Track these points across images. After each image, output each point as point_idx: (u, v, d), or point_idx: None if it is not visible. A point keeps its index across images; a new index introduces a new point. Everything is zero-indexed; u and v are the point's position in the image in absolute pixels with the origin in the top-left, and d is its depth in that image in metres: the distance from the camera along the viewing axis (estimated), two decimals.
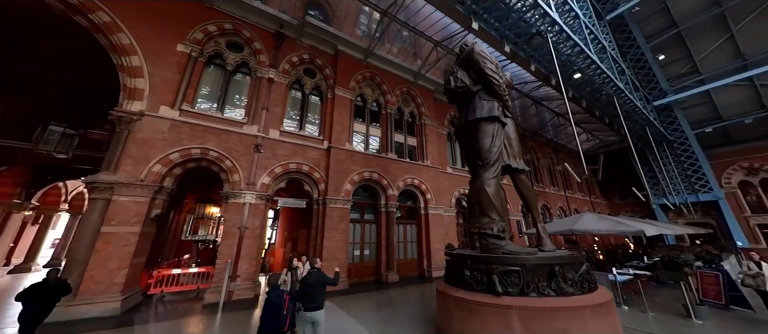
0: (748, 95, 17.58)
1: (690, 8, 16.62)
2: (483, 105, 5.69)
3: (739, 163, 19.81)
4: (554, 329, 3.61)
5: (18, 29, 8.15)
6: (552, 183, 20.78)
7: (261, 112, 8.95)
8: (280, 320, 3.36)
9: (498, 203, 5.06)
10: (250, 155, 8.42)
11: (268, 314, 3.34)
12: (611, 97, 14.36)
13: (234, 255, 7.45)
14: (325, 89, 10.90)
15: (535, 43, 10.75)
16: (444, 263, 11.14)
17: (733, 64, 17.10)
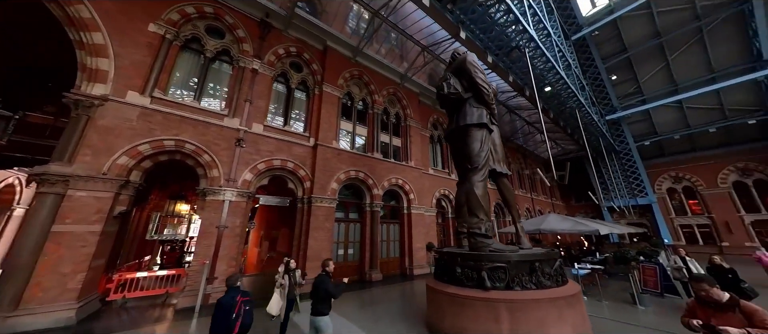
0: (677, 115, 20.76)
1: (638, 37, 19.14)
2: (473, 112, 6.05)
3: (668, 173, 23.30)
4: (535, 319, 4.01)
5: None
6: (520, 186, 22.50)
7: (244, 104, 8.47)
8: (229, 323, 2.99)
9: (485, 205, 5.44)
10: (231, 150, 7.93)
11: (218, 317, 3.02)
12: (574, 110, 16.00)
13: (211, 256, 6.97)
14: (311, 85, 10.62)
15: (513, 56, 11.60)
16: (425, 261, 11.65)
17: (667, 88, 20.07)
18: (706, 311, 2.61)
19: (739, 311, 2.46)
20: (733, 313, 2.48)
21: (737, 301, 2.54)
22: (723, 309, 2.55)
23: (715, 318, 2.50)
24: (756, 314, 2.36)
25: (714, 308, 2.58)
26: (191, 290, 6.50)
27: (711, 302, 2.61)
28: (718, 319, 2.48)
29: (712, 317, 2.54)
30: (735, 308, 2.49)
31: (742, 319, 2.41)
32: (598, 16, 18.76)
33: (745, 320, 2.38)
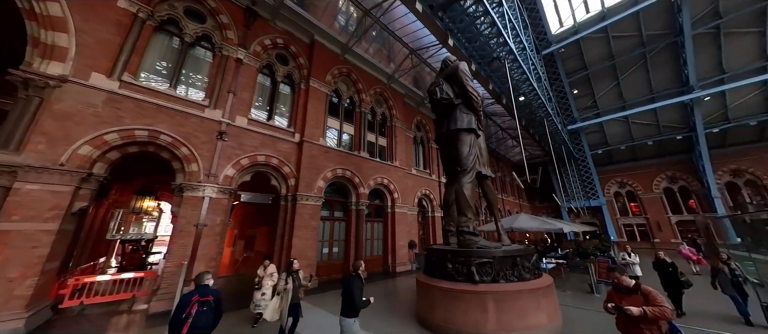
0: (624, 129, 23.74)
1: (596, 57, 21.50)
2: (463, 117, 6.44)
3: (615, 179, 26.56)
4: (518, 308, 4.46)
5: None
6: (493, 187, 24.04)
7: (226, 95, 7.99)
8: (178, 322, 2.91)
9: (473, 204, 5.84)
10: (212, 143, 7.45)
11: (175, 314, 3.00)
12: (542, 119, 17.54)
13: (189, 256, 6.52)
14: (298, 79, 10.32)
15: (494, 66, 12.40)
16: (407, 259, 12.00)
17: (617, 104, 22.85)
18: (619, 296, 3.13)
19: (641, 293, 3.00)
20: (637, 295, 3.01)
21: (639, 286, 3.08)
22: (630, 293, 3.08)
23: (624, 301, 3.02)
24: (650, 295, 2.91)
25: (624, 293, 3.11)
26: (165, 293, 6.03)
27: (622, 288, 3.13)
28: (626, 301, 3.00)
29: (622, 299, 3.06)
30: (638, 291, 3.04)
31: (642, 300, 2.93)
32: (564, 35, 20.70)
33: (645, 301, 2.91)
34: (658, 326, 2.77)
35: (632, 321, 2.85)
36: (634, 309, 2.82)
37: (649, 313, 2.76)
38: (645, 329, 2.80)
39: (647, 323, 2.78)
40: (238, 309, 6.24)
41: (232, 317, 5.83)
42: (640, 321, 2.80)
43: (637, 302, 2.92)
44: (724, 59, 18.09)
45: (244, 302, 6.64)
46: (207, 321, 3.03)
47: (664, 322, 2.78)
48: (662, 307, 2.76)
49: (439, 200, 15.95)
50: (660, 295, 2.90)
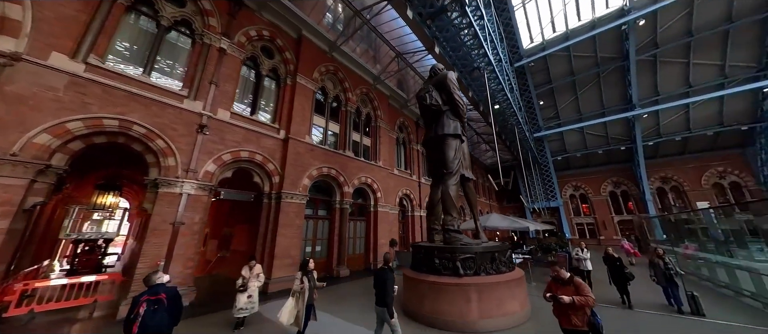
0: (580, 138, 26.63)
1: (559, 72, 23.83)
2: (450, 123, 6.89)
3: (570, 183, 29.66)
4: (496, 298, 4.98)
5: None
6: None
7: (208, 87, 7.57)
8: (128, 323, 2.90)
9: (457, 205, 6.31)
10: (191, 136, 7.02)
11: (126, 316, 3.00)
12: (513, 126, 19.03)
13: (164, 256, 6.11)
14: (283, 74, 10.06)
15: (474, 76, 13.22)
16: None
17: (575, 116, 25.56)
18: (556, 286, 3.51)
19: (573, 284, 3.37)
20: (570, 286, 3.37)
21: (573, 277, 3.44)
22: (565, 284, 3.44)
23: (560, 290, 3.41)
24: (580, 287, 3.31)
25: (560, 284, 3.48)
26: None
27: (560, 279, 3.51)
28: (561, 291, 3.39)
29: (558, 289, 3.44)
30: (571, 283, 3.40)
31: (574, 290, 3.31)
32: (534, 51, 22.64)
33: (576, 291, 3.29)
34: (583, 311, 3.21)
35: (564, 308, 3.28)
36: (566, 298, 3.24)
37: (577, 301, 3.19)
38: (573, 315, 3.22)
39: (575, 309, 3.21)
40: (214, 312, 6.00)
41: (208, 320, 5.61)
42: (569, 308, 3.24)
43: (570, 292, 3.32)
44: (659, 83, 21.24)
45: (220, 304, 6.41)
46: (160, 320, 2.95)
47: (588, 308, 3.21)
48: (587, 296, 3.20)
49: (418, 200, 16.55)
50: (587, 286, 3.33)
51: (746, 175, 20.90)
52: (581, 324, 3.18)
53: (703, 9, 17.55)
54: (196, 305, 6.34)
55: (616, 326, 5.10)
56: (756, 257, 7.27)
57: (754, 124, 19.17)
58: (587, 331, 3.18)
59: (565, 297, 3.24)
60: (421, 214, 16.62)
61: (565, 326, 3.34)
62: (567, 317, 3.28)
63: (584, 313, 3.21)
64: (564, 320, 3.33)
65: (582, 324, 3.18)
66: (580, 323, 3.18)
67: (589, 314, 3.21)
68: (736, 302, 6.71)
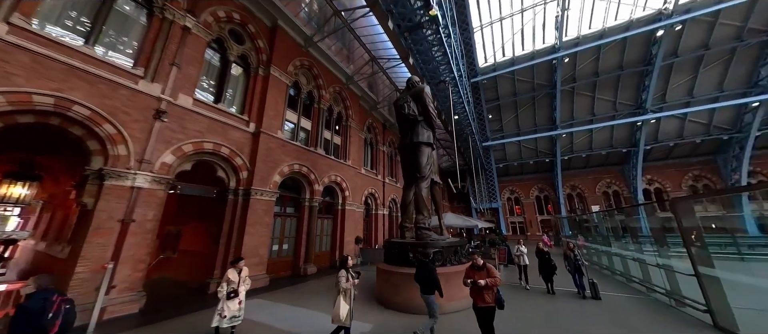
0: (517, 150, 31.27)
1: (506, 92, 27.59)
2: (424, 133, 7.69)
3: (508, 187, 34.55)
4: (457, 284, 5.84)
5: None
6: None
7: (169, 68, 6.77)
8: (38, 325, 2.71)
9: (429, 205, 7.15)
10: (146, 123, 6.22)
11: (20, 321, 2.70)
12: (467, 135, 21.38)
13: (110, 258, 5.35)
14: (254, 63, 9.50)
15: (440, 87, 14.52)
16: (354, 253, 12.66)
17: (515, 130, 29.91)
18: (473, 272, 4.10)
19: (485, 269, 4.02)
20: (483, 271, 4.00)
21: (485, 264, 4.05)
22: (480, 269, 4.04)
23: (476, 275, 3.99)
24: (490, 270, 3.97)
25: (477, 270, 4.09)
26: (79, 305, 4.79)
27: (477, 266, 4.12)
28: (477, 275, 3.99)
29: (475, 274, 4.03)
30: (484, 268, 4.04)
31: (486, 274, 3.95)
32: (487, 70, 25.71)
33: (487, 274, 3.94)
34: (493, 290, 3.85)
35: (478, 289, 3.89)
36: (481, 281, 3.85)
37: (489, 283, 3.83)
38: (486, 294, 3.84)
39: (487, 289, 3.84)
40: (170, 318, 5.45)
41: (167, 327, 5.13)
42: (484, 289, 3.84)
43: (483, 276, 3.95)
44: (575, 110, 26.50)
45: (176, 310, 5.87)
46: (73, 318, 2.95)
47: (495, 287, 3.86)
48: (495, 278, 3.87)
49: (382, 199, 17.30)
50: (495, 269, 3.98)
51: (623, 186, 27.77)
52: (491, 301, 3.85)
53: (605, 57, 22.67)
54: (148, 313, 5.72)
55: (539, 309, 6.11)
56: (624, 246, 10.09)
57: (630, 148, 25.62)
58: (494, 305, 3.86)
59: (481, 280, 3.86)
60: (384, 212, 17.43)
61: (480, 304, 3.89)
62: (481, 297, 3.86)
63: (493, 292, 3.85)
64: (479, 299, 3.89)
65: (491, 301, 3.85)
66: (491, 300, 3.85)
67: (495, 292, 3.89)
68: (621, 283, 9.19)
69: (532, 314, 5.81)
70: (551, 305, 6.43)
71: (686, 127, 23.24)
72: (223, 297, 4.21)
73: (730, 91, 20.77)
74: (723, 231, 20.32)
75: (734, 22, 18.66)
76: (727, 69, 20.37)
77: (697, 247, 5.38)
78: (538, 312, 5.90)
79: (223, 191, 8.23)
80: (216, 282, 7.39)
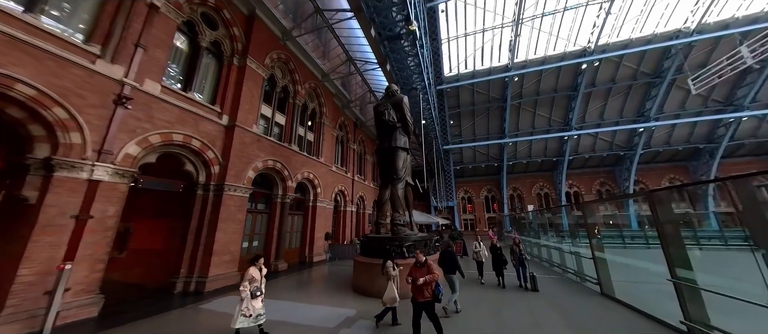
0: (472, 154, 34.72)
1: (466, 101, 30.34)
2: (401, 138, 8.46)
3: (463, 187, 38.11)
4: (426, 272, 6.88)
5: None
6: None
7: (133, 50, 6.14)
8: None
9: (404, 204, 7.97)
10: (105, 108, 5.61)
11: None
12: (432, 139, 23.08)
13: (62, 258, 4.79)
14: (229, 52, 8.99)
15: (412, 94, 15.52)
16: (323, 249, 12.91)
17: (471, 136, 33.15)
18: (415, 269, 4.15)
19: (426, 266, 4.06)
20: (424, 268, 4.03)
21: (426, 260, 4.09)
22: (421, 266, 4.05)
23: (417, 272, 4.04)
24: (430, 267, 4.01)
25: (418, 266, 4.13)
26: (24, 312, 4.28)
27: (418, 262, 4.20)
28: (418, 272, 4.03)
29: (416, 272, 4.07)
30: (425, 265, 4.04)
31: (426, 270, 4.00)
32: (451, 79, 27.90)
33: (428, 271, 4.00)
34: (431, 286, 3.97)
35: (420, 286, 3.97)
36: (420, 279, 3.93)
37: (427, 279, 3.90)
38: (425, 289, 3.93)
39: (426, 285, 3.96)
40: (142, 318, 5.19)
41: (141, 329, 4.96)
42: (423, 285, 3.94)
43: (423, 273, 4.00)
44: (520, 123, 30.66)
45: (140, 311, 5.53)
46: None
47: (433, 283, 4.00)
48: (433, 274, 3.96)
49: (351, 196, 17.71)
50: (434, 266, 4.11)
51: (552, 189, 33.30)
52: (429, 296, 3.94)
53: (545, 80, 26.81)
54: (108, 316, 5.28)
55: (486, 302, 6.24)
56: (548, 239, 12.59)
57: (559, 157, 30.85)
58: (432, 300, 3.96)
59: (421, 278, 3.96)
60: (352, 209, 17.89)
61: (419, 299, 3.95)
62: (421, 292, 3.94)
63: (432, 287, 3.96)
64: (418, 294, 3.96)
65: (430, 296, 3.94)
66: (429, 295, 3.94)
67: (434, 287, 4.00)
68: (546, 269, 11.46)
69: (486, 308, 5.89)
70: (503, 298, 6.59)
71: (597, 143, 29.09)
72: (247, 296, 4.09)
73: (626, 118, 26.74)
74: (615, 226, 26.23)
75: (632, 65, 24.08)
76: (625, 100, 26.16)
77: (596, 238, 7.32)
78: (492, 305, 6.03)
79: (191, 186, 7.73)
80: (183, 281, 7.04)
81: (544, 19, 22.01)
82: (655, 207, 4.74)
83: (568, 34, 22.98)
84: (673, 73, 22.68)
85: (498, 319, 5.29)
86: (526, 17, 21.67)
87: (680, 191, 24.13)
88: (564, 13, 21.45)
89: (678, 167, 28.47)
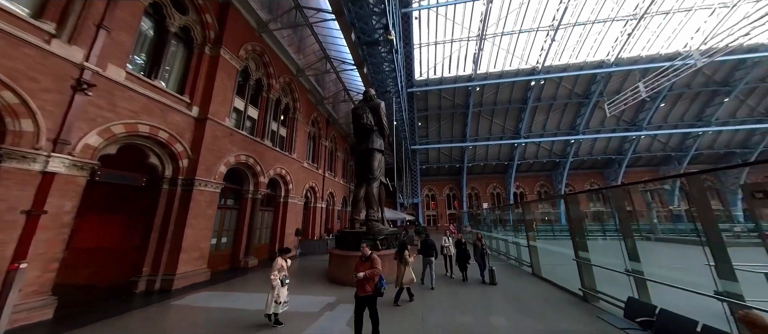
0: (437, 155, 37.09)
1: (433, 105, 32.25)
2: (377, 141, 9.14)
3: (427, 186, 40.48)
4: (392, 261, 7.73)
5: None
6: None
7: (94, 31, 5.65)
8: None
9: (377, 202, 8.68)
10: (63, 94, 5.13)
11: None
12: (402, 139, 24.21)
13: (11, 257, 4.38)
14: (200, 39, 8.54)
15: (385, 97, 16.24)
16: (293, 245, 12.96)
17: (437, 138, 35.39)
18: (361, 263, 4.03)
19: (371, 260, 3.91)
20: (368, 262, 3.90)
21: (371, 254, 3.97)
22: (366, 260, 3.92)
23: (361, 266, 3.89)
24: (374, 261, 3.86)
25: (363, 260, 3.99)
26: None
27: (363, 256, 4.07)
28: (362, 266, 3.88)
29: (360, 266, 3.93)
30: (369, 259, 3.88)
31: (370, 265, 3.85)
32: (421, 83, 29.40)
33: (371, 265, 3.86)
34: (373, 281, 3.80)
35: (362, 280, 3.81)
36: (360, 274, 3.76)
37: (368, 275, 3.70)
38: (367, 284, 3.78)
39: (367, 280, 3.80)
40: (101, 320, 4.98)
41: (102, 331, 4.82)
42: (365, 280, 3.79)
43: (367, 267, 3.87)
44: (479, 129, 33.78)
45: (102, 312, 5.26)
46: None
47: (376, 277, 3.82)
48: (375, 269, 3.81)
49: (321, 192, 17.82)
50: (378, 260, 3.89)
51: (503, 189, 37.51)
52: (370, 290, 3.79)
53: (501, 92, 30.03)
54: (63, 318, 4.94)
55: (451, 296, 6.38)
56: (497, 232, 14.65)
57: (509, 161, 34.90)
58: (373, 295, 3.82)
59: (360, 273, 3.82)
60: (322, 205, 18.03)
61: (360, 294, 3.82)
62: (362, 287, 3.80)
63: (374, 282, 3.81)
64: (359, 289, 3.83)
65: (371, 290, 3.78)
66: (370, 289, 3.79)
67: (377, 281, 3.84)
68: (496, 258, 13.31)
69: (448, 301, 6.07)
70: (465, 291, 6.77)
71: (540, 151, 33.68)
72: (278, 285, 4.52)
73: (563, 130, 31.51)
74: (549, 221, 30.94)
75: (569, 86, 28.46)
76: (563, 115, 30.79)
77: (533, 231, 9.02)
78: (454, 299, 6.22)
79: (155, 180, 7.29)
80: (146, 280, 6.72)
81: (503, 38, 24.65)
82: (568, 206, 6.27)
83: (522, 54, 26.12)
84: (597, 96, 27.49)
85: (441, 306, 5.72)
86: (488, 34, 24.01)
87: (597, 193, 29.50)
88: (519, 35, 24.35)
89: (597, 173, 34.62)
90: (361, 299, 3.86)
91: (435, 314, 5.32)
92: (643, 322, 3.52)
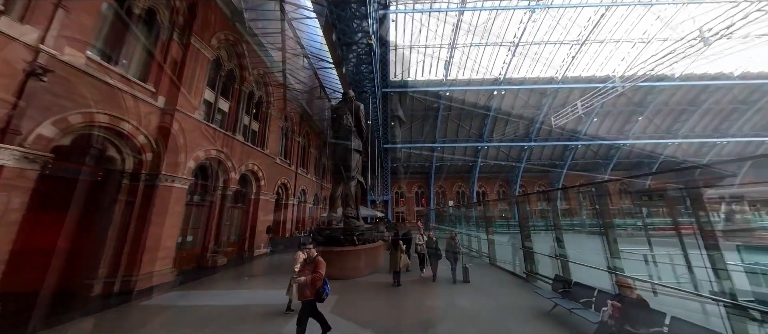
0: (408, 154, 38.51)
1: (407, 107, 33.40)
2: (355, 141, 9.64)
3: (397, 184, 41.79)
4: (373, 256, 8.37)
5: None
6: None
7: (52, 10, 5.14)
8: None
9: (355, 200, 9.17)
10: (12, 79, 4.65)
11: None
12: (375, 138, 24.80)
13: None
14: (168, 25, 8.02)
15: (363, 97, 16.63)
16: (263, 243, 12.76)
17: (408, 138, 36.74)
18: (305, 265, 3.85)
19: (314, 263, 3.69)
20: (312, 265, 3.70)
21: (316, 257, 3.73)
22: (311, 262, 3.75)
23: (306, 269, 3.71)
24: (317, 264, 3.67)
25: (307, 263, 3.82)
26: None
27: (308, 258, 3.88)
28: (307, 269, 3.71)
29: (305, 268, 3.75)
30: (313, 262, 3.71)
31: (313, 268, 3.66)
32: (395, 84, 30.26)
33: (314, 268, 3.65)
34: (314, 286, 3.58)
35: (300, 284, 3.65)
36: (301, 279, 3.58)
37: (306, 280, 3.54)
38: (306, 290, 3.59)
39: (307, 285, 3.61)
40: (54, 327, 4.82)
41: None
42: (304, 285, 3.60)
43: (310, 270, 3.65)
44: (447, 131, 35.97)
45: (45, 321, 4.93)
46: None
47: (319, 282, 3.60)
48: (318, 273, 3.60)
49: (293, 189, 17.58)
50: (322, 263, 3.68)
51: (467, 189, 40.56)
52: (311, 295, 3.56)
53: (469, 98, 32.41)
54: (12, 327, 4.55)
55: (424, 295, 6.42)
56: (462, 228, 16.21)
57: (473, 162, 37.88)
58: (313, 300, 3.62)
59: (301, 279, 3.64)
60: (294, 202, 17.81)
61: (301, 298, 3.66)
62: (303, 292, 3.61)
63: (315, 287, 3.59)
64: (301, 294, 3.65)
65: (312, 295, 3.56)
66: (310, 294, 3.56)
67: (320, 286, 3.61)
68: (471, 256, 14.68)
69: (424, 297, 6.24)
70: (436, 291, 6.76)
71: (499, 154, 37.16)
72: None
73: (519, 136, 35.24)
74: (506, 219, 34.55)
75: (525, 97, 31.90)
76: (519, 123, 34.40)
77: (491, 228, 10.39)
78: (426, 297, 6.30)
79: (113, 174, 6.78)
80: (103, 283, 6.30)
81: (471, 48, 26.64)
82: (518, 206, 7.53)
83: (487, 64, 28.53)
84: (547, 109, 31.34)
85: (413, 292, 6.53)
86: (458, 43, 25.76)
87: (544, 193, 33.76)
88: (485, 48, 26.57)
89: (545, 176, 39.48)
90: (303, 304, 3.70)
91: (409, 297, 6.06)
92: (563, 292, 4.67)
